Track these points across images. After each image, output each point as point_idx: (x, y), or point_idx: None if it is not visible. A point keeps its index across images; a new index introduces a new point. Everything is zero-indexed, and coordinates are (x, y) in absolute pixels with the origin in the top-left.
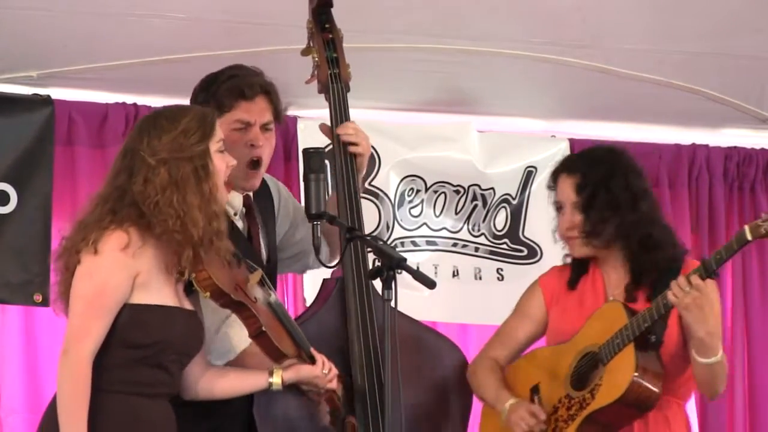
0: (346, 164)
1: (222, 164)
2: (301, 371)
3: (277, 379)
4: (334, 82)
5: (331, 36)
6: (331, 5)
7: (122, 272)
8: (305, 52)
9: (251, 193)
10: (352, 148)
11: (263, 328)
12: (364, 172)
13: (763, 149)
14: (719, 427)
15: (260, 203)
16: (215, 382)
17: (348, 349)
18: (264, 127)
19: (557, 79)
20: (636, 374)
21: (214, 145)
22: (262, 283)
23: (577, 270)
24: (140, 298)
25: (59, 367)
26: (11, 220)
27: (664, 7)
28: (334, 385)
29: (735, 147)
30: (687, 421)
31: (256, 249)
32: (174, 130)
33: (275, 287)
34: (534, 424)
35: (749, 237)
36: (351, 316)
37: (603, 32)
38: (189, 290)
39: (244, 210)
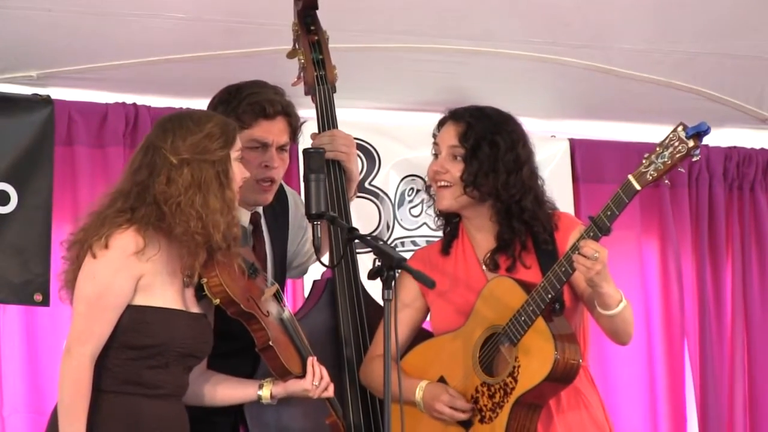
0: (331, 171)
1: (239, 174)
2: (289, 386)
3: (266, 393)
4: (320, 83)
5: (316, 38)
6: (316, 7)
7: (126, 275)
8: (291, 55)
9: (261, 209)
10: (328, 155)
11: (270, 343)
12: (353, 175)
13: (763, 149)
14: (719, 426)
15: (274, 217)
16: (205, 388)
17: (339, 349)
18: (280, 149)
19: (557, 79)
20: (556, 349)
21: (234, 153)
22: (277, 297)
23: (449, 235)
24: (142, 300)
25: (61, 368)
26: (11, 220)
27: (664, 7)
28: (329, 393)
29: (735, 147)
30: (592, 382)
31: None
32: (199, 133)
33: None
34: (457, 411)
35: (638, 187)
36: (343, 317)
37: (603, 32)
38: (200, 296)
39: (251, 227)
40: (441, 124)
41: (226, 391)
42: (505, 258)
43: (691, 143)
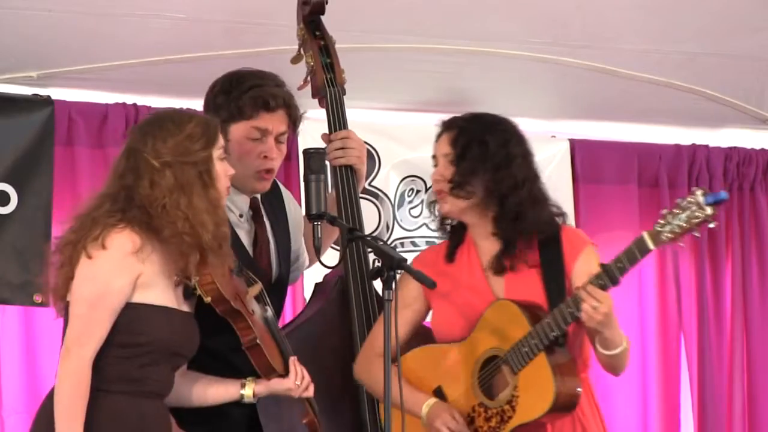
0: (339, 175)
1: (223, 172)
2: (272, 385)
3: (248, 392)
4: (330, 86)
5: (323, 42)
6: (322, 13)
7: (125, 275)
8: (295, 60)
9: (259, 196)
10: (337, 161)
11: (257, 341)
12: (362, 179)
13: (763, 149)
14: (718, 427)
15: (272, 207)
16: (193, 389)
17: (347, 348)
18: (278, 138)
19: (557, 79)
20: (555, 386)
21: (217, 152)
22: (259, 297)
23: (454, 241)
24: (140, 297)
25: (60, 368)
26: (11, 220)
27: (664, 7)
28: (309, 393)
29: (735, 147)
30: (593, 398)
31: (261, 257)
32: (179, 134)
33: (284, 297)
34: (459, 428)
35: (651, 246)
36: (357, 316)
37: (603, 32)
38: (187, 294)
39: (250, 212)
40: (437, 137)
41: (210, 390)
42: (509, 258)
43: (709, 211)
